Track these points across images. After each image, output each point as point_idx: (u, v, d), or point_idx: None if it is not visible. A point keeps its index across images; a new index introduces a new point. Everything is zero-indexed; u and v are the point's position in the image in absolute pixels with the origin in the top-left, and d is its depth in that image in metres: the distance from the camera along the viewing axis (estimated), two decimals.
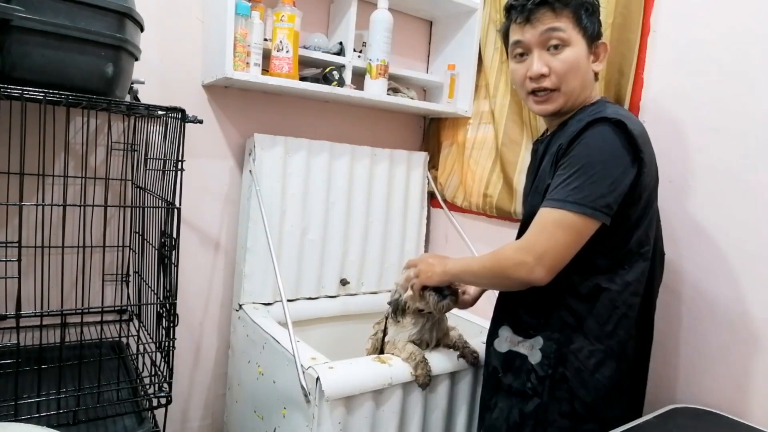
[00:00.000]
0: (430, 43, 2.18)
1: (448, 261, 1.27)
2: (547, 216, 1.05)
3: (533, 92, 1.16)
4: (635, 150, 1.04)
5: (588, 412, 1.10)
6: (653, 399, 1.30)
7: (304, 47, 1.73)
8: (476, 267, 1.19)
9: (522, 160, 1.76)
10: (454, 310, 1.42)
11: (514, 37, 1.17)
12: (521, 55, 1.17)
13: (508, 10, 1.17)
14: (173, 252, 1.24)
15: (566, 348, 1.11)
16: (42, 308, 1.29)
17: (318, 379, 1.20)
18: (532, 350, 1.16)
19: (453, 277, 1.26)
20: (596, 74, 1.19)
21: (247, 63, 1.56)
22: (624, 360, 1.12)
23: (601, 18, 1.17)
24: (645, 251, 1.11)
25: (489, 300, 1.37)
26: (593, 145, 1.04)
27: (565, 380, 1.11)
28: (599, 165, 1.02)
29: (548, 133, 1.24)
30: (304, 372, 1.25)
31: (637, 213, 1.08)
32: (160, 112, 1.32)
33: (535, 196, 1.16)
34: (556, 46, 1.11)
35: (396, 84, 1.97)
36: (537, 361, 1.14)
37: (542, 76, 1.13)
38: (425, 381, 1.31)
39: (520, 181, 1.76)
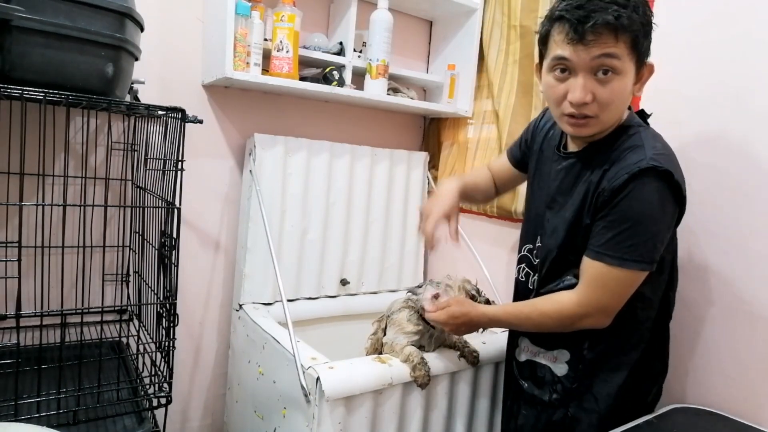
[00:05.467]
0: (430, 43, 2.18)
1: (481, 324, 1.25)
2: (608, 274, 1.05)
3: (570, 115, 1.06)
4: (679, 198, 1.05)
5: (614, 421, 1.13)
6: None
7: (304, 47, 1.73)
8: (530, 327, 1.20)
9: None
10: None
11: (558, 51, 1.03)
12: (563, 71, 1.04)
13: (558, 19, 1.02)
14: (173, 252, 1.24)
15: (593, 362, 1.15)
16: (42, 308, 1.29)
17: (318, 379, 1.20)
18: (556, 362, 1.19)
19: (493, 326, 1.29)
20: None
21: (247, 63, 1.56)
22: (644, 367, 1.17)
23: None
24: (663, 266, 1.13)
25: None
26: (644, 201, 1.01)
27: (591, 392, 1.15)
28: (650, 222, 1.02)
29: (569, 145, 1.19)
30: (304, 372, 1.25)
31: (666, 241, 1.10)
32: (160, 112, 1.32)
33: (563, 221, 1.15)
34: (605, 72, 1.00)
35: (396, 84, 1.97)
36: (563, 374, 1.17)
37: (585, 103, 1.03)
38: (424, 381, 1.30)
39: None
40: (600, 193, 1.06)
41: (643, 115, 1.17)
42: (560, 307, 1.12)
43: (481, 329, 1.29)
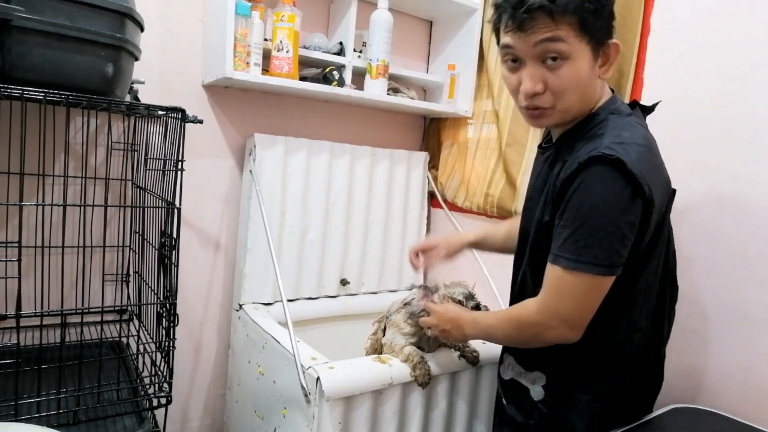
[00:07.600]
0: (430, 43, 2.18)
1: (465, 328, 1.18)
2: (563, 278, 0.96)
3: (526, 107, 1.01)
4: (638, 190, 0.91)
5: None
6: None
7: (304, 47, 1.73)
8: (500, 336, 1.11)
9: (526, 161, 1.76)
10: None
11: (504, 39, 0.98)
12: (514, 60, 0.99)
13: (497, 7, 0.98)
14: (173, 252, 1.24)
15: (569, 389, 1.07)
16: (42, 308, 1.29)
17: (318, 379, 1.20)
18: (534, 384, 1.11)
19: (474, 339, 1.28)
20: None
21: (247, 63, 1.56)
22: (628, 397, 1.08)
23: (613, 9, 0.96)
24: (651, 282, 1.04)
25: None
26: (594, 194, 0.91)
27: (569, 422, 1.07)
28: (604, 218, 0.91)
29: (553, 140, 1.12)
30: (304, 372, 1.25)
31: (643, 249, 0.99)
32: (160, 112, 1.32)
33: (534, 220, 1.08)
34: (554, 59, 0.94)
35: (396, 84, 1.96)
36: (539, 398, 1.10)
37: (536, 94, 0.97)
38: (425, 380, 1.30)
39: (523, 181, 1.75)
40: (555, 186, 0.98)
41: (634, 105, 1.07)
42: (519, 314, 1.05)
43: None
